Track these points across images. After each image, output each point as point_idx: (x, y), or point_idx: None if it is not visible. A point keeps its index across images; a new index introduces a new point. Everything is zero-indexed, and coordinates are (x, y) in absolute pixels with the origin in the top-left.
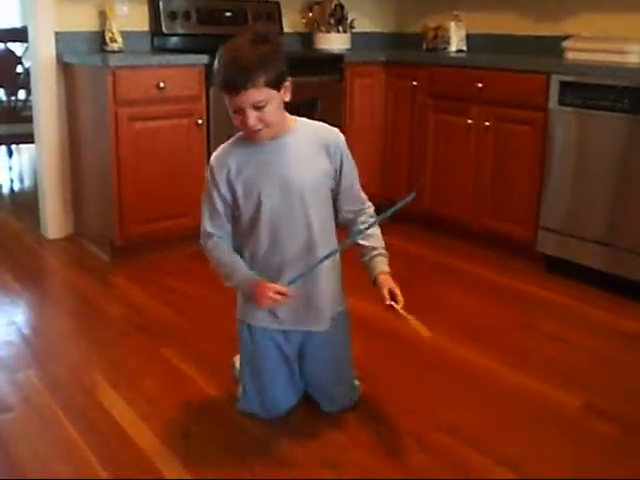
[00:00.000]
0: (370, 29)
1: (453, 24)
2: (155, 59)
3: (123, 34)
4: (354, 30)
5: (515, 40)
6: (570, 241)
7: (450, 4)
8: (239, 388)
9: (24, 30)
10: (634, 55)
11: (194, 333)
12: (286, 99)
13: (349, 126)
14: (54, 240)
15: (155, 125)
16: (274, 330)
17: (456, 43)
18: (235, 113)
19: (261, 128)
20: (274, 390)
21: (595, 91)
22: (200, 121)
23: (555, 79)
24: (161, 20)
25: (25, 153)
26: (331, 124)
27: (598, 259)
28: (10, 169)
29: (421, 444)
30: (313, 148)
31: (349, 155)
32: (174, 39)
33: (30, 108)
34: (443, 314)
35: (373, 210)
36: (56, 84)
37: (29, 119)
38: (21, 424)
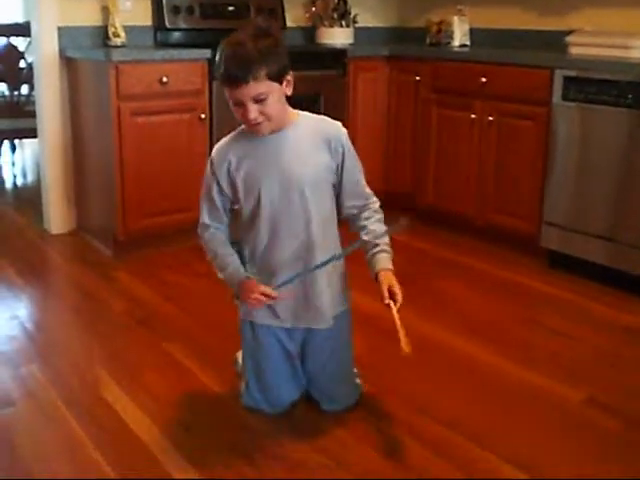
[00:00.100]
0: (373, 24)
1: (456, 18)
2: (158, 54)
3: (126, 29)
4: (357, 25)
5: (519, 35)
6: (573, 236)
7: None
8: (242, 383)
9: (27, 25)
10: (638, 50)
11: (197, 328)
12: (288, 93)
13: (352, 121)
14: (57, 235)
15: (158, 120)
16: (277, 327)
17: (459, 38)
18: (236, 106)
19: (262, 121)
20: (277, 387)
21: (599, 86)
22: (203, 116)
23: (559, 74)
24: (164, 15)
25: (28, 148)
26: (334, 119)
27: (601, 254)
28: (13, 164)
29: (423, 439)
30: (314, 142)
31: (352, 149)
32: (177, 34)
33: (33, 103)
34: (446, 309)
35: (379, 205)
36: (59, 79)
37: (32, 114)
38: (24, 419)
